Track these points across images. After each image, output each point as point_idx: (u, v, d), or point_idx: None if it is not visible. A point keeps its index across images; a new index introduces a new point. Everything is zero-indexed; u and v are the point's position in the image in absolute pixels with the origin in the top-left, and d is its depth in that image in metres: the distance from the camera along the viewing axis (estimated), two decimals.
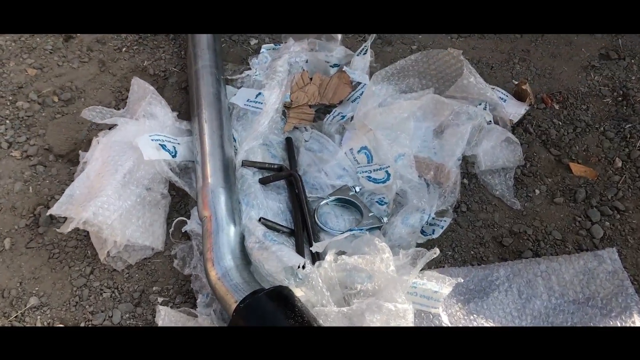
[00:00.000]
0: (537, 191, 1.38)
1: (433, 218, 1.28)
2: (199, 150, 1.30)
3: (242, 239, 1.17)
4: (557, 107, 1.55)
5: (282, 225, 1.23)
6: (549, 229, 1.30)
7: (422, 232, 1.27)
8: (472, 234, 1.30)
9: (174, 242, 1.27)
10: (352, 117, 1.43)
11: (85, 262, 1.23)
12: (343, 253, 1.16)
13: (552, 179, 1.40)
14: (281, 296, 1.01)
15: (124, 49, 1.70)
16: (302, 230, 1.23)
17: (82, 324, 1.14)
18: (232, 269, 1.09)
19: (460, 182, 1.36)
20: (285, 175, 1.32)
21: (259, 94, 1.45)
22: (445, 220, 1.28)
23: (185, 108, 1.52)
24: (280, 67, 1.51)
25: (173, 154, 1.33)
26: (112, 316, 1.15)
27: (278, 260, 1.07)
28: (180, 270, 1.21)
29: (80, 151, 1.36)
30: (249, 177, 1.31)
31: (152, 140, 1.29)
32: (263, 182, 1.32)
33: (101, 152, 1.28)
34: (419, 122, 1.42)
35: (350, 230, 1.22)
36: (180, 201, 1.35)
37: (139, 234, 1.23)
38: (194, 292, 1.18)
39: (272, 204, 1.28)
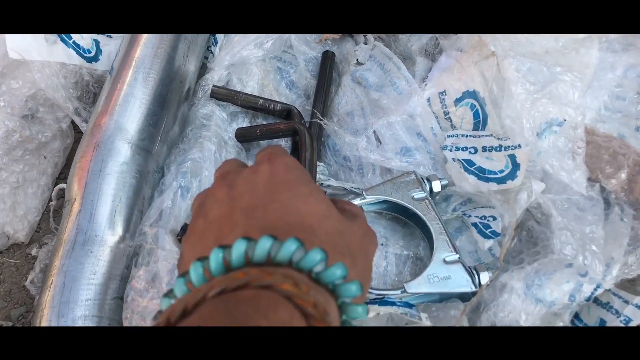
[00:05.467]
0: None
1: (613, 293, 0.51)
2: (120, 52, 0.64)
3: (130, 258, 0.51)
4: None
5: None
6: None
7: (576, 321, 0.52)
8: None
9: (53, 229, 0.65)
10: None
11: None
12: None
13: None
14: None
15: None
16: None
17: None
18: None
19: None
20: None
21: None
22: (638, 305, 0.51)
23: None
24: None
25: (90, 55, 0.68)
26: None
27: None
28: (33, 292, 0.59)
29: None
30: (214, 121, 0.62)
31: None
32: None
33: None
34: (612, 53, 0.62)
35: (392, 304, 0.49)
36: None
37: None
38: None
39: None
